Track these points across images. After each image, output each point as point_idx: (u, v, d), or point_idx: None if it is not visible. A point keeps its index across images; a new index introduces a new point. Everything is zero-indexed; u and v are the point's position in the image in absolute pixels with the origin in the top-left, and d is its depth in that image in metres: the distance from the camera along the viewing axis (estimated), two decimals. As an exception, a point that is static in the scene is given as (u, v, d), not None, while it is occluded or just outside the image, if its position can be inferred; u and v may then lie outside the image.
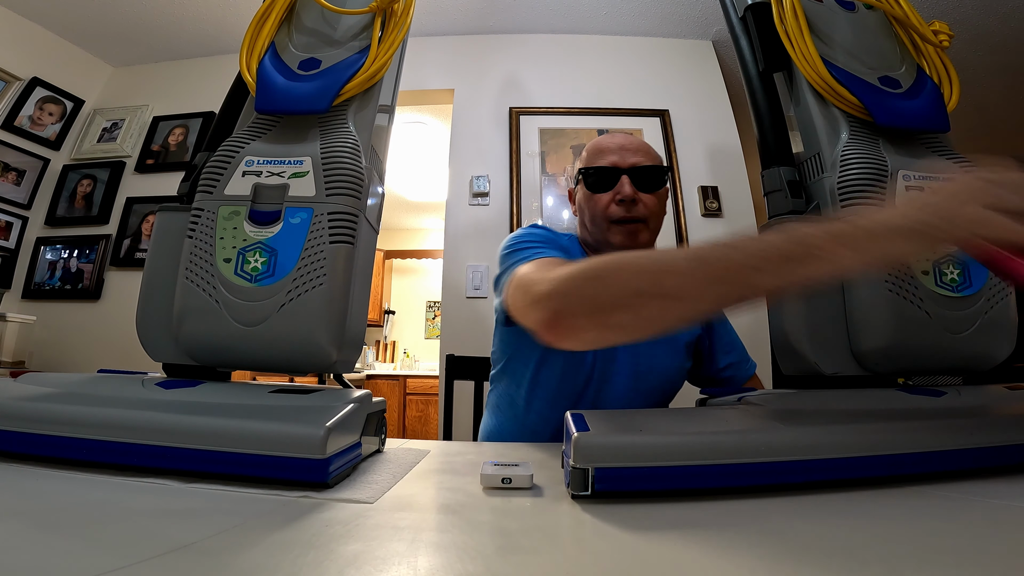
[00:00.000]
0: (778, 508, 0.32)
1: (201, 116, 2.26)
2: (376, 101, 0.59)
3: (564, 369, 0.80)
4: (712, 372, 0.91)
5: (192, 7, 2.09)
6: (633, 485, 0.34)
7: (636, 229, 0.78)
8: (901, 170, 0.54)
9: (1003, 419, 0.42)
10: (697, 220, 1.95)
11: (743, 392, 0.53)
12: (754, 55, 0.65)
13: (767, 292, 0.40)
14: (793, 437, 0.37)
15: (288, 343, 0.47)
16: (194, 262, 0.49)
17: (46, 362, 2.02)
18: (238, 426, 0.37)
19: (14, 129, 2.14)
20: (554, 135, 2.06)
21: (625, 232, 0.79)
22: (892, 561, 0.23)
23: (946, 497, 0.34)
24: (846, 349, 0.52)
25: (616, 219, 0.79)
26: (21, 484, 0.34)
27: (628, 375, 0.81)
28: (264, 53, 0.58)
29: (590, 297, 0.45)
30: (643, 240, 0.80)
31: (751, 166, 2.00)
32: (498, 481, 0.37)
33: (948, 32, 0.61)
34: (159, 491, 0.34)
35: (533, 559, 0.24)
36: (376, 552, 0.24)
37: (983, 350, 0.51)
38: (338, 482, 0.38)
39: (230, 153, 0.53)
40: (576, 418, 0.38)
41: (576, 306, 0.46)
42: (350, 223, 0.50)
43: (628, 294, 0.43)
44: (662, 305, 0.42)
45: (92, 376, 0.50)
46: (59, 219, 2.20)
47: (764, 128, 0.61)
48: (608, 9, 2.12)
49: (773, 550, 0.25)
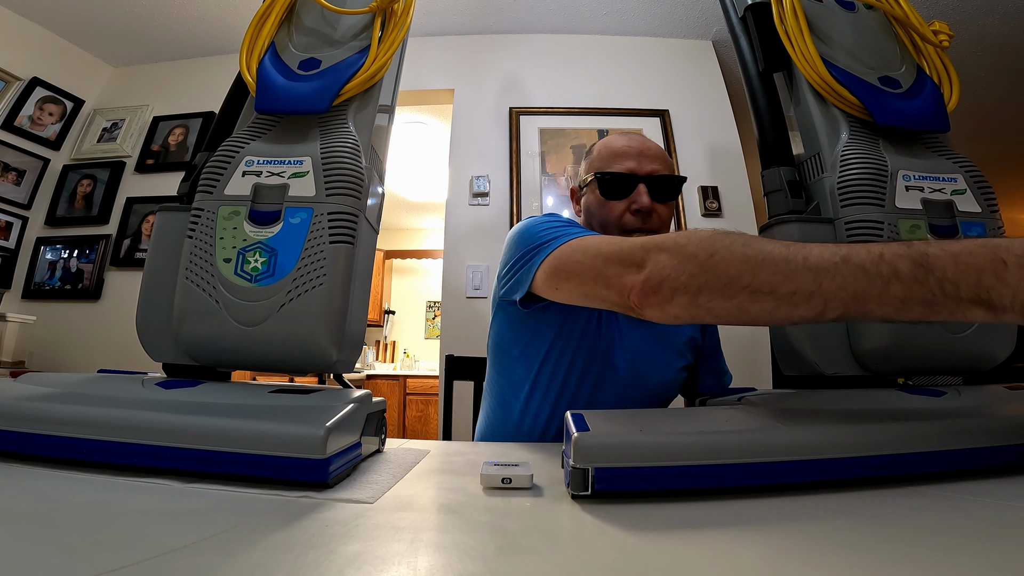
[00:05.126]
0: (778, 508, 0.32)
1: (201, 116, 2.26)
2: (376, 101, 0.59)
3: (562, 368, 0.79)
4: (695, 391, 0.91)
5: (192, 7, 2.09)
6: (633, 485, 0.34)
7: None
8: (901, 170, 0.54)
9: (1003, 419, 0.42)
10: (697, 220, 1.95)
11: (743, 392, 0.53)
12: (754, 55, 0.65)
13: (879, 319, 0.38)
14: (793, 437, 0.37)
15: (288, 343, 0.47)
16: (194, 262, 0.49)
17: (46, 362, 2.02)
18: (238, 426, 0.36)
19: (14, 129, 2.14)
20: (554, 135, 2.06)
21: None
22: (892, 561, 0.23)
23: (946, 497, 0.34)
24: (846, 349, 0.52)
25: (630, 229, 0.77)
26: (21, 484, 0.34)
27: (624, 380, 0.80)
28: (264, 53, 0.58)
29: (695, 276, 0.43)
30: None
31: (751, 166, 2.00)
32: (498, 481, 0.37)
33: (948, 32, 0.61)
34: (159, 491, 0.34)
35: (533, 559, 0.24)
36: (376, 552, 0.24)
37: (983, 350, 0.51)
38: (338, 482, 0.38)
39: (230, 153, 0.53)
40: (576, 418, 0.38)
41: (679, 282, 0.44)
42: (350, 223, 0.50)
43: (737, 288, 0.41)
44: (764, 306, 0.40)
45: (92, 376, 0.50)
46: (59, 219, 2.20)
47: (764, 128, 0.61)
48: (608, 9, 2.12)
49: (773, 550, 0.25)
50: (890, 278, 0.36)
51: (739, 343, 1.78)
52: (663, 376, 0.83)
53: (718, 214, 1.95)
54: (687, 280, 0.43)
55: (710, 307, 0.43)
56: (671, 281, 0.44)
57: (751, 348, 1.78)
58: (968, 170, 0.56)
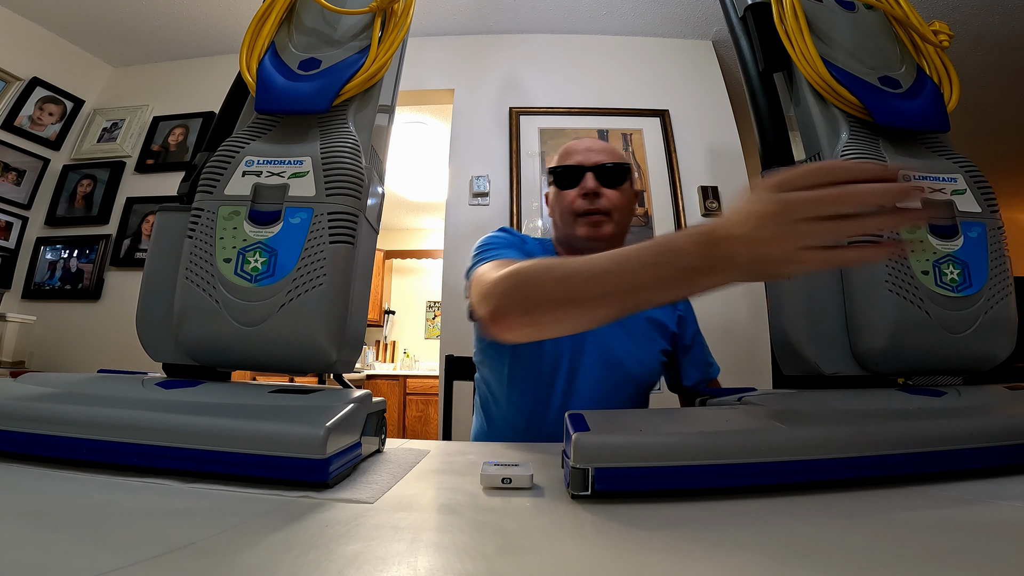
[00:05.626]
0: (778, 508, 0.32)
1: (201, 116, 2.26)
2: (376, 101, 0.59)
3: (534, 359, 0.83)
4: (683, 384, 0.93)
5: (192, 7, 2.09)
6: (633, 485, 0.34)
7: (599, 220, 0.84)
8: (901, 170, 0.54)
9: (1003, 419, 0.42)
10: (697, 220, 1.95)
11: (743, 392, 0.53)
12: (754, 55, 0.65)
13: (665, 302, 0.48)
14: (793, 437, 0.37)
15: (288, 343, 0.47)
16: (194, 262, 0.49)
17: (46, 362, 2.02)
18: (238, 426, 0.37)
19: (14, 129, 2.14)
20: (554, 135, 2.06)
21: (589, 223, 0.84)
22: (892, 561, 0.23)
23: (946, 497, 0.34)
24: (846, 349, 0.52)
25: (581, 212, 0.84)
26: (21, 484, 0.34)
27: (598, 365, 0.84)
28: (264, 53, 0.58)
29: (520, 299, 0.53)
30: (607, 232, 0.84)
31: (751, 166, 2.00)
32: (498, 481, 0.37)
33: (948, 32, 0.61)
34: (159, 491, 0.34)
35: (533, 559, 0.24)
36: (376, 552, 0.24)
37: (983, 350, 0.51)
38: (338, 482, 0.38)
39: (230, 153, 0.53)
40: (576, 418, 0.38)
41: (510, 306, 0.54)
42: (350, 223, 0.50)
43: (548, 300, 0.50)
44: (577, 311, 0.49)
45: (92, 376, 0.50)
46: (59, 219, 2.20)
47: (764, 128, 0.61)
48: (608, 9, 2.12)
49: (773, 550, 0.25)
50: (647, 266, 0.43)
51: (739, 343, 1.78)
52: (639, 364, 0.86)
53: (718, 214, 1.95)
54: (515, 308, 0.53)
55: (542, 323, 0.52)
56: (504, 311, 0.54)
57: (751, 348, 1.78)
58: (968, 170, 0.56)
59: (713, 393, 0.59)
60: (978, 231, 0.52)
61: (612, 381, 0.84)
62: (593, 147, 0.89)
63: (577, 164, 0.87)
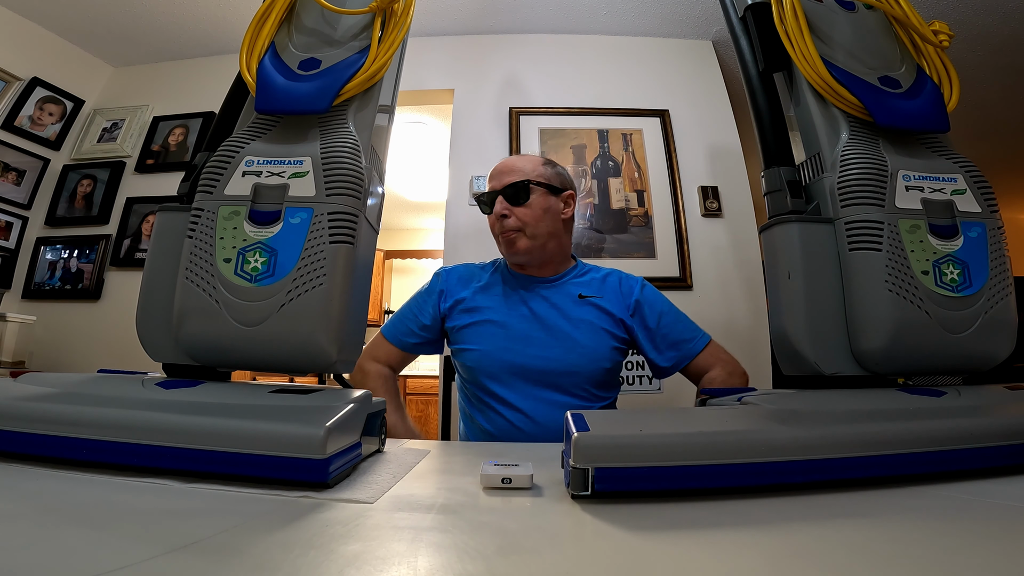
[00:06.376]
0: (778, 508, 0.32)
1: (201, 116, 2.25)
2: (376, 101, 0.59)
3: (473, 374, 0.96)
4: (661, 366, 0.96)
5: (192, 7, 2.09)
6: (633, 485, 0.34)
7: (513, 238, 0.95)
8: (901, 170, 0.54)
9: (1003, 419, 0.42)
10: (697, 220, 1.95)
11: (743, 392, 0.53)
12: (754, 55, 0.65)
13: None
14: (793, 437, 0.37)
15: (288, 343, 0.47)
16: (194, 262, 0.49)
17: (46, 362, 2.01)
18: (238, 426, 0.36)
19: (14, 129, 2.14)
20: (554, 135, 2.06)
21: (506, 242, 0.96)
22: (892, 561, 0.23)
23: (946, 497, 0.34)
24: (846, 349, 0.52)
25: (498, 233, 0.97)
26: (21, 484, 0.34)
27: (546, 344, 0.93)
28: (264, 53, 0.58)
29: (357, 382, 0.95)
30: (522, 246, 0.95)
31: (751, 166, 2.00)
32: (498, 481, 0.37)
33: (948, 32, 0.61)
34: (159, 491, 0.34)
35: (533, 559, 0.24)
36: (376, 552, 0.24)
37: (983, 350, 0.51)
38: (338, 482, 0.38)
39: (230, 153, 0.53)
40: (576, 418, 0.38)
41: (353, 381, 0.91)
42: (350, 223, 0.50)
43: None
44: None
45: (92, 376, 0.50)
46: (59, 219, 2.20)
47: (764, 128, 0.61)
48: (608, 9, 2.12)
49: (773, 550, 0.25)
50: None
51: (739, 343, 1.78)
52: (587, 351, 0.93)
53: (718, 214, 1.95)
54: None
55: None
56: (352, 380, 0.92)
57: (751, 348, 1.78)
58: (968, 170, 0.56)
59: (713, 393, 0.59)
60: (978, 231, 0.52)
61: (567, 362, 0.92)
62: (504, 169, 0.98)
63: (491, 190, 0.97)
